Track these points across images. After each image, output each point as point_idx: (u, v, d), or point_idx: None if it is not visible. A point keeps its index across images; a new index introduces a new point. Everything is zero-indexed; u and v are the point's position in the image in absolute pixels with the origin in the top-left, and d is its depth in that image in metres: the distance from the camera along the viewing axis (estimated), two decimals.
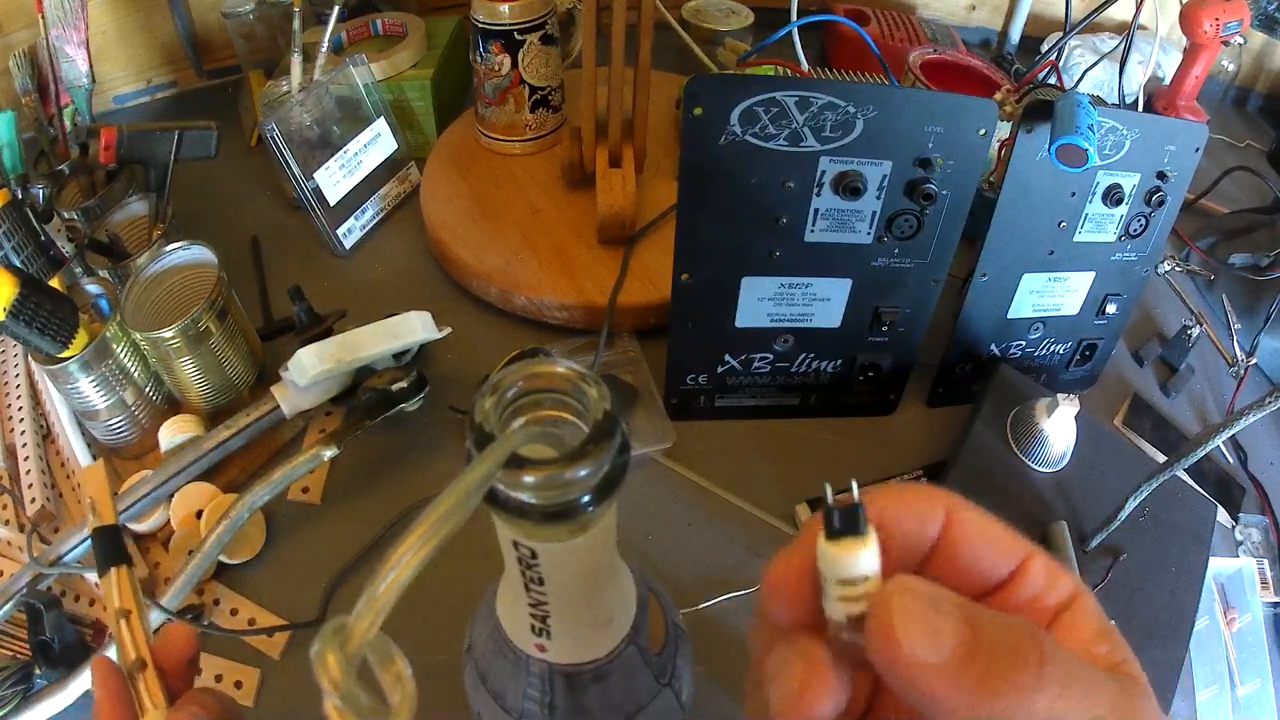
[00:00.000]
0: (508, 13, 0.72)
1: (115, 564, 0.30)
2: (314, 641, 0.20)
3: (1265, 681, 0.56)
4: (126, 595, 0.29)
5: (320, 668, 0.20)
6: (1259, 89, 1.11)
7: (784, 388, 0.65)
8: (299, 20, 0.74)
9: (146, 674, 0.28)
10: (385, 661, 0.21)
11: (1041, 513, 0.56)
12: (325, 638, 0.20)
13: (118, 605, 0.29)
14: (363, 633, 0.20)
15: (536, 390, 0.25)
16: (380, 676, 0.21)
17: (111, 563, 0.30)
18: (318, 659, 0.20)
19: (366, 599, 0.20)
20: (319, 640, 0.20)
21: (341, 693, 0.20)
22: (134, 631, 0.28)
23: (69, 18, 0.67)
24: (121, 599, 0.29)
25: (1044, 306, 0.64)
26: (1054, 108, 0.53)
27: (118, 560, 0.30)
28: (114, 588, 0.29)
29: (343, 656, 0.20)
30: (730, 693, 0.51)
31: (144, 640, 0.28)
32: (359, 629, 0.20)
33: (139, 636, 0.28)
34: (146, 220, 0.68)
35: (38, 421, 0.62)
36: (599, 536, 0.27)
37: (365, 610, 0.20)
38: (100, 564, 0.30)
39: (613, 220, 0.70)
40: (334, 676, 0.20)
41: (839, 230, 0.56)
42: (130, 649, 0.28)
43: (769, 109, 0.50)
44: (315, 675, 0.20)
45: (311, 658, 0.20)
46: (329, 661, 0.20)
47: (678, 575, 0.57)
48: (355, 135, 0.77)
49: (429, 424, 0.64)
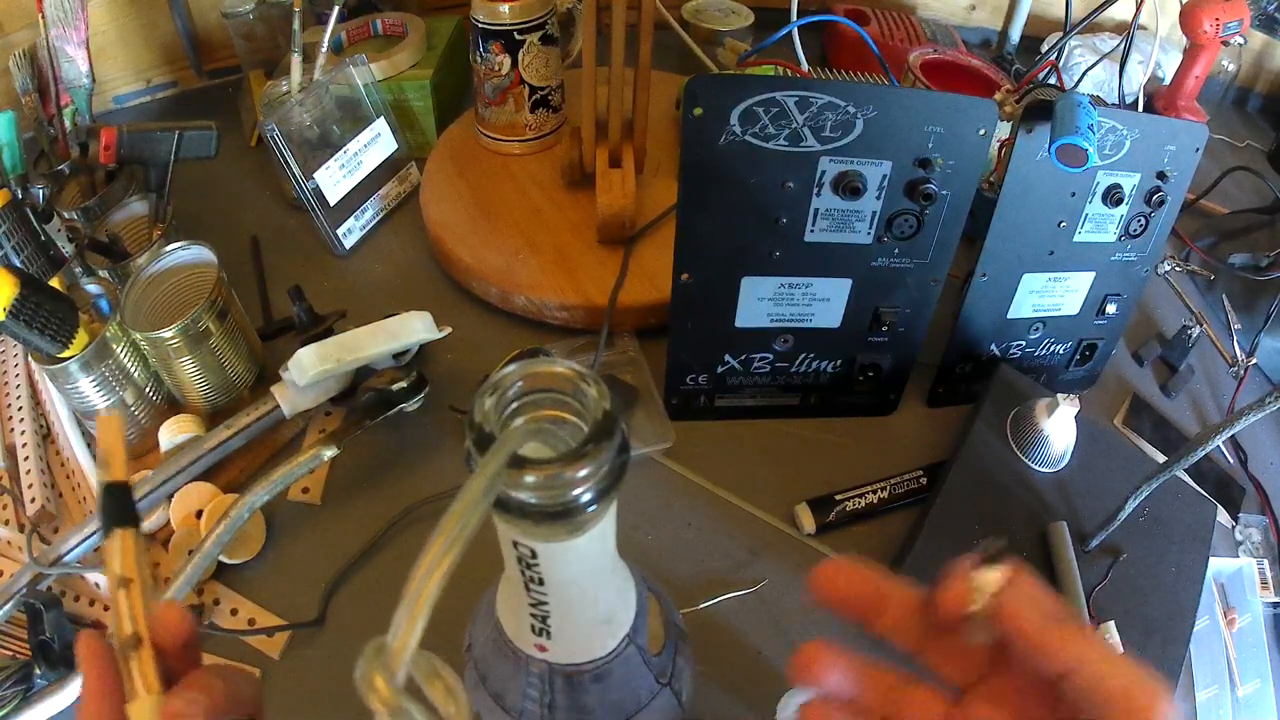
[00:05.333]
0: (508, 13, 0.72)
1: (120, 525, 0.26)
2: (356, 666, 0.20)
3: (1265, 681, 0.56)
4: (129, 561, 0.25)
5: (368, 691, 0.20)
6: (1259, 89, 1.10)
7: (784, 388, 0.65)
8: (299, 20, 0.74)
9: (142, 652, 0.24)
10: (431, 676, 0.21)
11: (1041, 513, 0.56)
12: (368, 659, 0.20)
13: (118, 571, 0.25)
14: (404, 650, 0.20)
15: (537, 390, 0.25)
16: (428, 691, 0.21)
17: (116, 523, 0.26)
18: (364, 682, 0.20)
19: (402, 615, 0.20)
20: (362, 663, 0.20)
21: (393, 712, 0.19)
22: (133, 603, 0.25)
23: (69, 18, 0.67)
24: (123, 565, 0.25)
25: (1044, 306, 0.64)
26: (1054, 108, 0.53)
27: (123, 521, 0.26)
28: (116, 551, 0.26)
29: (389, 676, 0.20)
30: (730, 693, 0.51)
31: (143, 614, 0.25)
32: (400, 646, 0.20)
33: (138, 609, 0.25)
34: (146, 220, 0.69)
35: (38, 421, 0.62)
36: (599, 536, 0.27)
37: (403, 627, 0.20)
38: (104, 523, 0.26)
39: (613, 220, 0.70)
40: (384, 697, 0.19)
41: (839, 230, 0.56)
42: (127, 623, 0.25)
43: (769, 109, 0.50)
44: (364, 698, 0.19)
45: (357, 682, 0.20)
46: (376, 683, 0.20)
47: (678, 575, 0.57)
48: (355, 135, 0.77)
49: (429, 424, 0.64)
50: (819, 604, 0.26)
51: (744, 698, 0.51)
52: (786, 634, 0.54)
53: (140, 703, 0.24)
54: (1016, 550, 0.54)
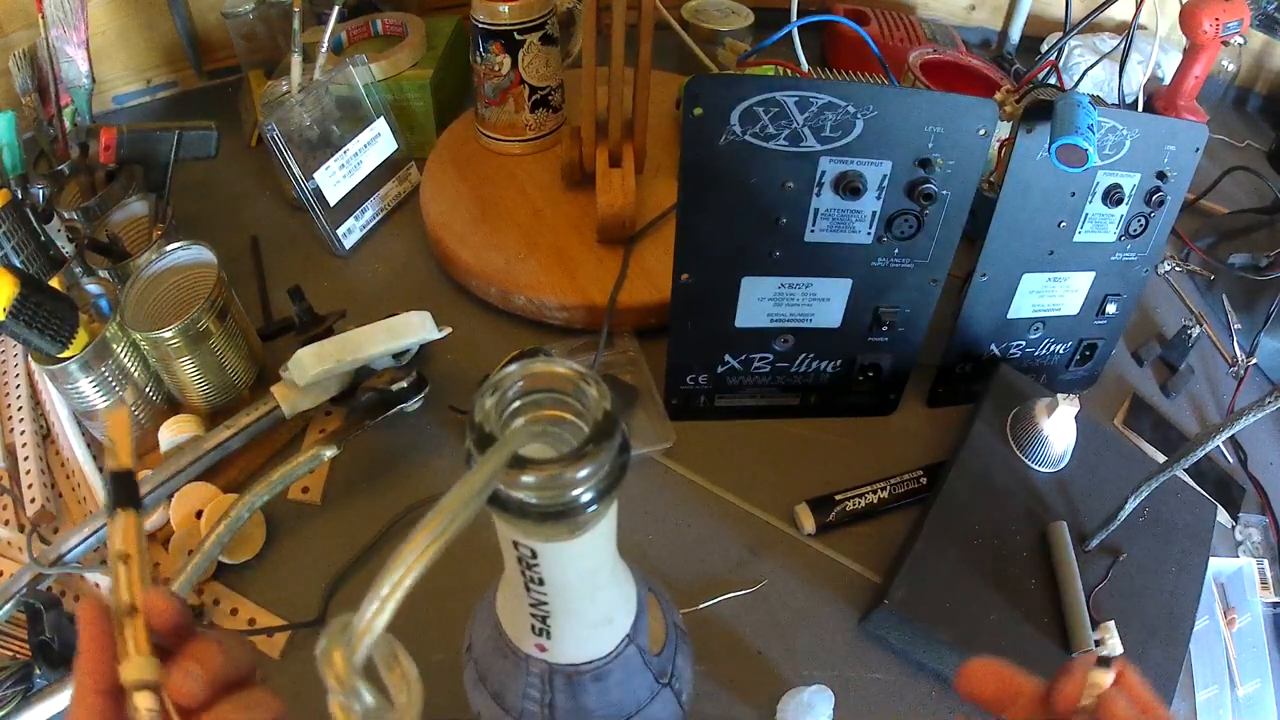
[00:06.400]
0: (508, 13, 0.72)
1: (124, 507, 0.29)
2: (320, 639, 0.20)
3: (1265, 681, 0.56)
4: (130, 539, 0.28)
5: (325, 665, 0.20)
6: (1259, 89, 1.11)
7: (784, 388, 0.65)
8: (299, 20, 0.74)
9: (136, 620, 0.27)
10: (390, 662, 0.22)
11: (1042, 513, 0.56)
12: (331, 635, 0.20)
13: (119, 547, 0.28)
14: (368, 632, 0.20)
15: (537, 390, 0.25)
16: (385, 677, 0.21)
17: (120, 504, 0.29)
18: (323, 656, 0.20)
19: (372, 599, 0.20)
20: (324, 638, 0.20)
21: (346, 690, 0.20)
22: (131, 576, 0.27)
23: (69, 18, 0.67)
24: (124, 542, 0.28)
25: (1044, 306, 0.64)
26: (1054, 108, 0.53)
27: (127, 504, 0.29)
28: (119, 529, 0.28)
29: (348, 654, 0.20)
30: (730, 693, 0.51)
31: (139, 587, 0.27)
32: (364, 628, 0.20)
33: (135, 582, 0.27)
34: (146, 220, 0.69)
35: (38, 421, 0.62)
36: (599, 536, 0.27)
37: (371, 610, 0.20)
38: (109, 504, 0.29)
39: (613, 220, 0.70)
40: (339, 674, 0.20)
41: (839, 230, 0.56)
42: (124, 592, 0.27)
43: (769, 109, 0.50)
44: (320, 672, 0.20)
45: (317, 655, 0.20)
46: (334, 659, 0.20)
47: (678, 575, 0.57)
48: (355, 135, 0.77)
49: (429, 424, 0.64)
50: (964, 699, 0.31)
51: (744, 698, 0.51)
52: (786, 634, 0.54)
53: (132, 662, 0.26)
54: (1016, 550, 0.54)
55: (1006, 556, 0.53)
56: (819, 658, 0.53)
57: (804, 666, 0.53)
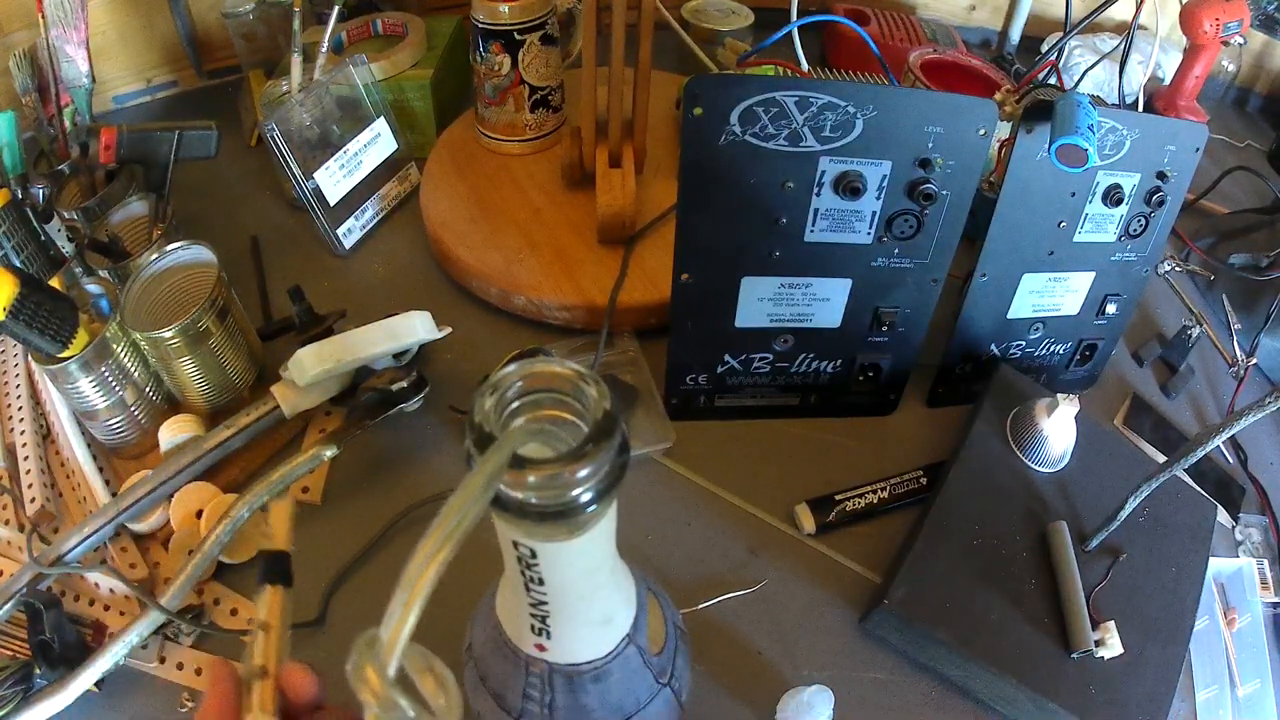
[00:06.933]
0: (508, 13, 0.72)
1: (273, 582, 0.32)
2: (350, 658, 0.20)
3: (1265, 681, 0.56)
4: (274, 613, 0.30)
5: (359, 683, 0.20)
6: (1259, 89, 1.10)
7: (784, 388, 0.65)
8: (299, 20, 0.74)
9: (266, 681, 0.28)
10: (422, 669, 0.21)
11: (1041, 513, 0.56)
12: (360, 651, 0.20)
13: (263, 618, 0.30)
14: (396, 643, 0.20)
15: (537, 390, 0.25)
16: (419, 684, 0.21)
17: (270, 580, 0.32)
18: (355, 674, 0.20)
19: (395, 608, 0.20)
20: (354, 655, 0.20)
21: (384, 704, 0.20)
22: (269, 643, 0.29)
23: (69, 18, 0.67)
24: (269, 614, 0.30)
25: (1044, 307, 0.64)
26: (1054, 108, 0.53)
27: (276, 580, 0.32)
28: (266, 601, 0.31)
29: (380, 668, 0.20)
30: (730, 692, 0.51)
31: (274, 653, 0.29)
32: (392, 639, 0.20)
33: (271, 649, 0.29)
34: (146, 220, 0.69)
35: (38, 421, 0.62)
36: (599, 536, 0.27)
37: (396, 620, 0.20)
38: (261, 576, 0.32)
39: (613, 220, 0.70)
40: (375, 690, 0.20)
41: (839, 230, 0.56)
42: (259, 656, 0.29)
43: (769, 109, 0.50)
44: (354, 690, 0.20)
45: (348, 673, 0.20)
46: (368, 675, 0.20)
47: (678, 575, 0.57)
48: (355, 135, 0.77)
49: (429, 424, 0.64)
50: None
51: (744, 698, 0.51)
52: (786, 634, 0.54)
53: (254, 716, 0.28)
54: (1016, 550, 0.54)
55: (1006, 557, 0.53)
56: (819, 658, 0.53)
57: (804, 666, 0.53)
